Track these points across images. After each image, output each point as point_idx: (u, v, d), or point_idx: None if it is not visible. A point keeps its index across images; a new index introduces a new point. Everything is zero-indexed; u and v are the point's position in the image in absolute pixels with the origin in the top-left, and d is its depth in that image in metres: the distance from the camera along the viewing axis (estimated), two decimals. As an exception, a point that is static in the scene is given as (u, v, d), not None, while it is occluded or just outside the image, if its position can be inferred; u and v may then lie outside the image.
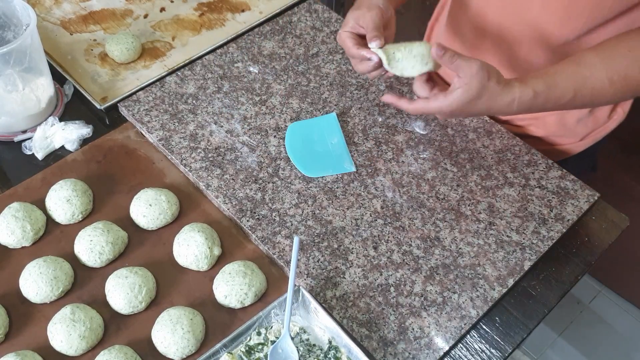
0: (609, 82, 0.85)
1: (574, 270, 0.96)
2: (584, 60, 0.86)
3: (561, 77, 0.85)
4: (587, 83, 0.85)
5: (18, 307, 0.89)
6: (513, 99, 0.84)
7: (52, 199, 0.97)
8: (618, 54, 0.85)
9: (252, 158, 1.05)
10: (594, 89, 0.86)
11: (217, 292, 0.89)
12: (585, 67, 0.85)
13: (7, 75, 1.03)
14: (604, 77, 0.85)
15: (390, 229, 0.97)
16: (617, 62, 0.85)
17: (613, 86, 0.86)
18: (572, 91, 0.85)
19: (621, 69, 0.85)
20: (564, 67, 0.86)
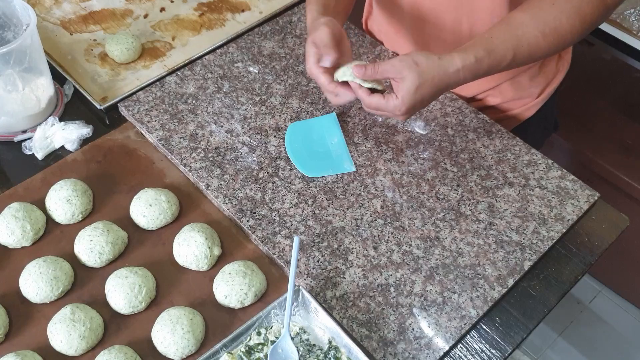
0: (542, 35, 0.89)
1: (574, 270, 0.96)
2: (515, 20, 0.90)
3: (498, 40, 0.89)
4: (523, 41, 0.89)
5: (18, 307, 0.89)
6: (457, 69, 0.87)
7: (52, 199, 0.97)
8: (544, 9, 0.89)
9: (252, 158, 1.04)
10: (530, 45, 0.90)
11: (217, 292, 0.89)
12: (517, 27, 0.89)
13: (7, 75, 1.03)
14: (537, 32, 0.89)
15: (390, 229, 0.97)
16: (545, 16, 0.89)
17: (546, 39, 0.90)
18: (511, 51, 0.89)
19: (550, 22, 0.89)
20: (497, 31, 0.90)
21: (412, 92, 0.86)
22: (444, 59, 0.86)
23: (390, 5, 1.18)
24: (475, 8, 1.04)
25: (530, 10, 0.90)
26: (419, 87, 0.86)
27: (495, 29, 0.90)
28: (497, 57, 0.89)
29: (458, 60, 0.86)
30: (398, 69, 0.86)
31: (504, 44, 0.89)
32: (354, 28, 1.24)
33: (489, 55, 0.88)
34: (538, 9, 0.90)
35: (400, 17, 1.16)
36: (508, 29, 0.90)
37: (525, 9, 0.91)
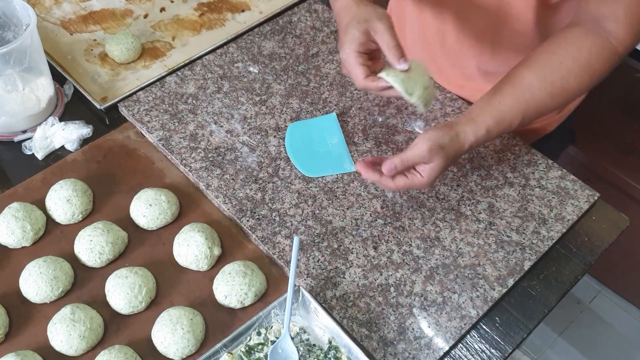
0: (549, 97, 0.89)
1: (574, 270, 0.96)
2: (522, 82, 0.89)
3: (506, 107, 0.89)
4: (531, 104, 0.89)
5: (18, 307, 0.89)
6: (471, 143, 0.89)
7: (52, 199, 0.97)
8: (552, 70, 0.89)
9: (252, 158, 1.04)
10: (538, 107, 0.90)
11: (217, 292, 0.89)
12: (525, 90, 0.89)
13: (7, 75, 1.03)
14: (545, 94, 0.89)
15: (390, 229, 0.97)
16: (552, 77, 0.89)
17: (554, 100, 0.90)
18: (519, 116, 0.89)
19: (557, 83, 0.89)
20: (505, 94, 0.89)
21: (439, 171, 0.87)
22: (460, 136, 0.88)
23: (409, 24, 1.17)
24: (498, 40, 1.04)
25: (537, 71, 0.90)
26: (444, 168, 0.88)
27: (504, 92, 0.90)
28: (506, 124, 0.89)
29: (471, 136, 0.88)
30: (427, 157, 0.86)
31: (512, 109, 0.89)
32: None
33: (499, 124, 0.89)
34: (545, 69, 0.89)
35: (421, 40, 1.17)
36: (516, 93, 0.89)
37: (532, 68, 0.90)
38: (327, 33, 1.23)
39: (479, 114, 0.89)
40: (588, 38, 0.89)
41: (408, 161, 0.86)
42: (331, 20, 1.26)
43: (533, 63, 0.91)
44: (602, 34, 0.88)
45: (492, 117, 0.88)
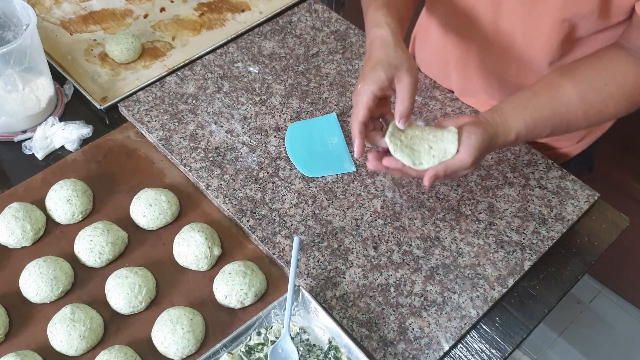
0: (584, 116, 0.88)
1: (574, 270, 0.96)
2: (562, 95, 0.87)
3: (541, 117, 0.86)
4: (564, 119, 0.88)
5: (18, 307, 0.89)
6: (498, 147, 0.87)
7: (52, 199, 0.97)
8: (595, 90, 0.87)
9: (252, 158, 1.04)
10: (570, 123, 0.89)
11: (217, 292, 0.89)
12: (562, 104, 0.87)
13: (7, 75, 1.03)
14: (580, 113, 0.88)
15: (390, 229, 0.97)
16: (594, 98, 0.87)
17: (587, 120, 0.89)
18: (549, 129, 0.88)
19: (596, 105, 0.87)
20: (543, 103, 0.87)
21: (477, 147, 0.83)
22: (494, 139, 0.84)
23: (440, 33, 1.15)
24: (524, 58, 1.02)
25: (579, 87, 0.87)
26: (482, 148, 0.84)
27: (541, 100, 0.87)
28: (535, 134, 0.88)
29: (501, 140, 0.85)
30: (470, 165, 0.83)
31: (546, 121, 0.87)
32: (353, 28, 1.24)
33: (528, 133, 0.87)
34: (588, 87, 0.87)
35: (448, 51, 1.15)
36: (553, 105, 0.87)
37: (575, 82, 0.88)
38: (327, 33, 1.23)
39: (514, 118, 0.86)
40: (635, 67, 0.87)
41: (449, 170, 0.83)
42: (331, 20, 1.26)
43: (576, 77, 0.88)
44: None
45: (525, 124, 0.86)
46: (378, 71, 0.82)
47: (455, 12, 1.05)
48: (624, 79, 0.87)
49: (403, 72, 0.82)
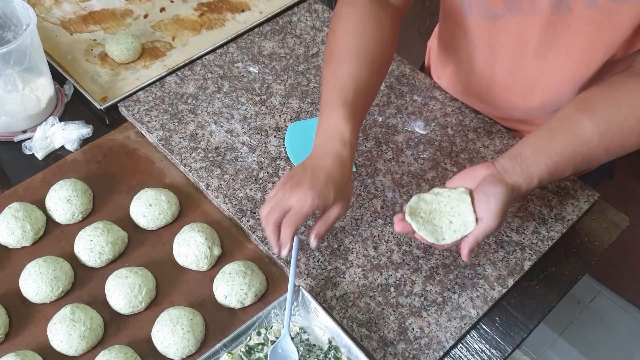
0: (605, 152, 0.86)
1: (574, 270, 0.96)
2: (583, 134, 0.84)
3: (562, 159, 0.84)
4: (585, 158, 0.85)
5: (18, 307, 0.89)
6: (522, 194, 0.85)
7: (52, 199, 0.97)
8: (614, 126, 0.84)
9: (252, 158, 1.04)
10: (591, 160, 0.86)
11: (217, 292, 0.89)
12: (584, 144, 0.84)
13: (7, 75, 1.03)
14: (602, 150, 0.85)
15: (390, 229, 0.97)
16: (614, 134, 0.84)
17: (608, 155, 0.87)
18: (571, 169, 0.85)
19: (618, 140, 0.85)
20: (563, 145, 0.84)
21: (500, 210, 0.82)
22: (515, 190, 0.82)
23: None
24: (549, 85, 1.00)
25: (599, 124, 0.84)
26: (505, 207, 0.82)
27: (561, 142, 0.84)
28: (557, 176, 0.85)
29: (524, 188, 0.83)
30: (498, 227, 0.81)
31: (567, 162, 0.84)
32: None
33: (550, 176, 0.84)
34: (608, 124, 0.84)
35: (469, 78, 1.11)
36: (574, 146, 0.84)
37: (595, 120, 0.84)
38: (327, 33, 1.23)
39: (535, 164, 0.83)
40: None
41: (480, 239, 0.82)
42: (331, 20, 1.26)
43: (595, 114, 0.85)
44: None
45: (547, 169, 0.83)
46: (330, 192, 0.81)
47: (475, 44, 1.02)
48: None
49: (342, 203, 0.83)
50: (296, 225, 0.81)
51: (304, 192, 0.80)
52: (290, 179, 0.82)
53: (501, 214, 0.81)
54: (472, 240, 0.81)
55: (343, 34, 0.90)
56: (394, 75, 1.17)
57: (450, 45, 1.10)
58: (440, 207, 0.84)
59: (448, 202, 0.84)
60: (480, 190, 0.82)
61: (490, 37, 0.98)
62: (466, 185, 0.85)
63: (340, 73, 0.87)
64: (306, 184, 0.80)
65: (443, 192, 0.85)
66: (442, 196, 0.85)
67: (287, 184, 0.82)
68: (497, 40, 0.97)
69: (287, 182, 0.82)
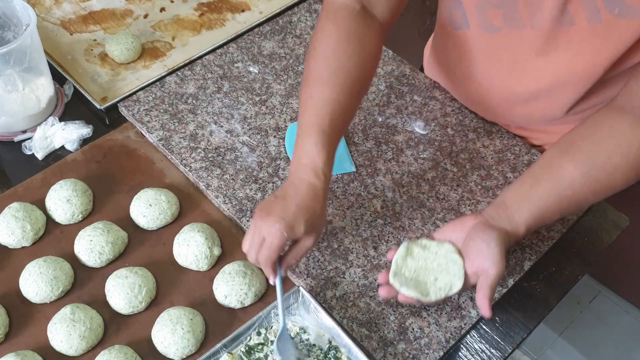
0: (592, 194, 0.84)
1: (574, 270, 0.96)
2: (565, 178, 0.82)
3: (547, 205, 0.83)
4: (572, 201, 0.83)
5: (18, 307, 0.89)
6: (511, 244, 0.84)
7: (52, 199, 0.97)
8: (597, 166, 0.82)
9: (252, 158, 1.04)
10: (579, 203, 0.85)
11: (217, 292, 0.89)
12: (567, 187, 0.82)
13: (7, 75, 1.03)
14: (587, 192, 0.83)
15: (390, 229, 0.97)
16: (598, 174, 0.82)
17: (597, 196, 0.85)
18: (558, 214, 0.85)
19: (603, 180, 0.82)
20: (546, 191, 0.83)
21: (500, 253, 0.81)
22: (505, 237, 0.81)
23: None
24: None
25: (581, 165, 0.82)
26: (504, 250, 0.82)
27: (544, 187, 0.83)
28: (545, 221, 0.84)
29: (513, 241, 0.83)
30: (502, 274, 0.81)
31: (553, 207, 0.83)
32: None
33: (537, 223, 0.84)
34: (591, 164, 0.82)
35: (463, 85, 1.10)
36: (557, 191, 0.82)
37: (576, 161, 0.82)
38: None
39: (519, 211, 0.82)
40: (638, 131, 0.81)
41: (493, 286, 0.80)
42: (331, 20, 1.26)
43: (576, 155, 0.83)
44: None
45: (532, 216, 0.82)
46: (300, 224, 0.79)
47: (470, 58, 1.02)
48: (628, 147, 0.81)
49: (313, 236, 0.82)
50: (271, 260, 0.81)
51: (272, 224, 0.78)
52: (262, 210, 0.81)
53: (504, 255, 0.80)
54: (488, 292, 0.80)
55: (323, 54, 0.87)
56: (394, 75, 1.17)
57: (446, 55, 1.10)
58: (427, 263, 0.84)
59: (435, 258, 0.84)
60: (476, 239, 0.82)
61: (488, 48, 0.97)
62: (456, 235, 0.84)
63: (317, 96, 0.85)
64: (275, 216, 0.78)
65: (431, 246, 0.85)
66: (429, 252, 0.85)
67: (259, 213, 0.81)
68: (496, 51, 0.97)
69: (260, 212, 0.81)
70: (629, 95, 0.84)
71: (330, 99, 0.84)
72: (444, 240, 0.86)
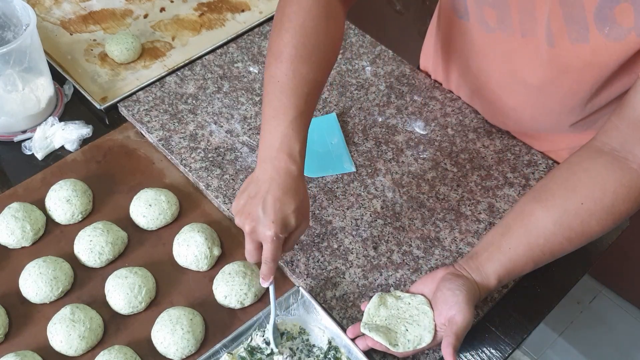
0: (567, 241, 0.80)
1: (574, 270, 0.96)
2: (536, 225, 0.79)
3: (517, 254, 0.80)
4: (545, 250, 0.80)
5: (18, 307, 0.89)
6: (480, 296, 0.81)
7: (52, 199, 0.97)
8: (570, 212, 0.78)
9: (252, 158, 1.04)
10: (554, 251, 0.81)
11: (217, 292, 0.89)
12: (539, 235, 0.79)
13: (7, 75, 1.03)
14: (562, 239, 0.79)
15: (390, 229, 0.97)
16: (571, 221, 0.78)
17: (572, 244, 0.80)
18: (532, 263, 0.81)
19: (577, 227, 0.78)
20: (516, 239, 0.80)
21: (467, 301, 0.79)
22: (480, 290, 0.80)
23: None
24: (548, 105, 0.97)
25: (553, 212, 0.78)
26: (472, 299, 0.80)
27: (514, 235, 0.80)
28: (517, 271, 0.81)
29: (484, 292, 0.81)
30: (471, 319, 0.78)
31: (524, 257, 0.80)
32: (353, 28, 1.24)
33: (510, 273, 0.81)
34: (563, 211, 0.78)
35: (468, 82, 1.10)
36: (528, 239, 0.79)
37: (548, 208, 0.79)
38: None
39: (489, 262, 0.81)
40: (614, 174, 0.77)
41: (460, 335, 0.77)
42: (331, 20, 1.25)
43: (549, 201, 0.79)
44: (631, 165, 0.77)
45: (503, 266, 0.80)
46: (291, 220, 0.77)
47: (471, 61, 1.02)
48: (602, 192, 0.77)
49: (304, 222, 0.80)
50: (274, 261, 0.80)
51: (265, 230, 0.76)
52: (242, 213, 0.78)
53: (471, 303, 0.78)
54: (453, 339, 0.76)
55: (301, 29, 0.82)
56: (394, 75, 1.17)
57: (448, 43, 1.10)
58: (399, 313, 0.83)
59: (407, 309, 0.83)
60: (442, 289, 0.80)
61: (485, 45, 0.97)
62: (428, 289, 0.83)
63: (293, 75, 0.80)
64: (266, 220, 0.76)
65: (405, 297, 0.84)
66: (402, 302, 0.84)
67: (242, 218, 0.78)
68: (491, 50, 0.96)
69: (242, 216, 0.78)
70: (607, 134, 0.80)
71: (308, 78, 0.81)
72: (417, 293, 0.84)
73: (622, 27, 0.76)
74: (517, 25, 0.88)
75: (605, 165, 0.78)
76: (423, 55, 1.24)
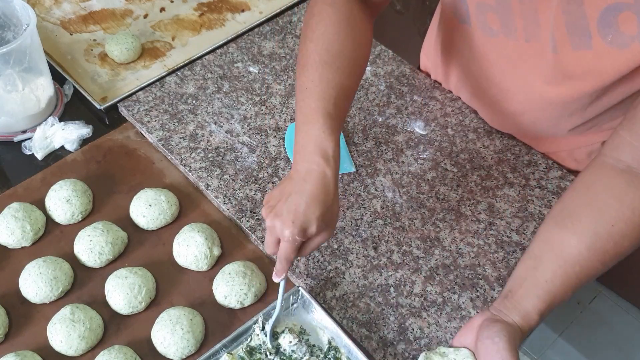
0: (601, 264, 0.77)
1: (574, 271, 0.96)
2: (570, 253, 0.76)
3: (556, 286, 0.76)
4: (582, 276, 0.76)
5: (18, 307, 0.89)
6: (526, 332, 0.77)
7: (52, 199, 0.97)
8: (602, 236, 0.75)
9: (252, 158, 1.04)
10: (590, 276, 0.77)
11: (216, 292, 0.89)
12: (574, 264, 0.76)
13: (7, 75, 1.03)
14: (597, 264, 0.76)
15: (390, 229, 0.97)
16: (604, 244, 0.75)
17: (606, 266, 0.77)
18: (570, 292, 0.77)
19: (611, 250, 0.76)
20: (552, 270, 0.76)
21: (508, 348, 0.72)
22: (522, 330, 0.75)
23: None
24: None
25: (585, 238, 0.75)
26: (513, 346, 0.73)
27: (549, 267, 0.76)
28: (557, 302, 0.76)
29: (527, 331, 0.76)
30: None
31: (563, 287, 0.76)
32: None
33: (550, 306, 0.76)
34: (595, 235, 0.75)
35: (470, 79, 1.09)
36: (565, 268, 0.75)
37: (579, 234, 0.76)
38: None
39: (526, 298, 0.75)
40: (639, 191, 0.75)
41: None
42: (331, 20, 1.25)
43: (577, 227, 0.76)
44: None
45: (540, 300, 0.75)
46: (312, 226, 0.76)
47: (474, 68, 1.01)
48: (631, 211, 0.75)
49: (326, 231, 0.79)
50: (288, 261, 0.79)
51: (284, 228, 0.76)
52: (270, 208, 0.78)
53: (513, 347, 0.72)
54: None
55: (324, 37, 0.84)
56: (394, 75, 1.17)
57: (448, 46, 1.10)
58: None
59: None
60: (482, 337, 0.75)
61: (486, 48, 0.97)
62: (469, 340, 0.78)
63: (320, 80, 0.82)
64: (286, 219, 0.75)
65: (449, 353, 0.79)
66: (448, 358, 0.79)
67: (269, 212, 0.78)
68: (493, 54, 0.96)
69: (269, 210, 0.78)
70: (619, 151, 0.78)
71: (334, 82, 0.82)
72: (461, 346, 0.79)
73: (625, 34, 0.76)
74: (521, 30, 0.87)
75: (627, 184, 0.76)
76: (423, 55, 1.24)
